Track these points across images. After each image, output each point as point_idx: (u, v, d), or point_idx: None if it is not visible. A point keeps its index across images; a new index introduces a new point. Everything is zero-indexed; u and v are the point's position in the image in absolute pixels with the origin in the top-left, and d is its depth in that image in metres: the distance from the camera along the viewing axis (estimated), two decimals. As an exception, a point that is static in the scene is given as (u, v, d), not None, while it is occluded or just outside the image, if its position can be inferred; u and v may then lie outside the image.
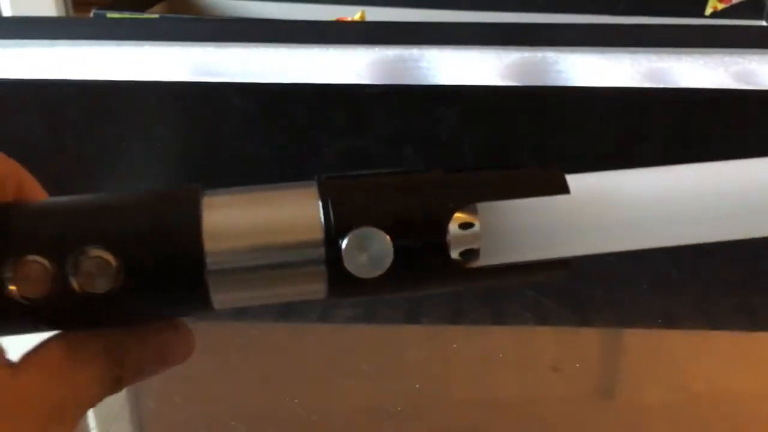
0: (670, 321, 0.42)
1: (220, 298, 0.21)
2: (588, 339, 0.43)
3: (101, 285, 0.20)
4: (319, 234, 0.20)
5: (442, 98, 0.46)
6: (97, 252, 0.19)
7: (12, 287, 0.19)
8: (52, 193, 0.54)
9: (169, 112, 0.46)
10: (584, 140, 0.47)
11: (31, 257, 0.19)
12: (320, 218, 0.20)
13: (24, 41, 0.49)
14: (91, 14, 0.57)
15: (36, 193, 0.22)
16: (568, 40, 0.50)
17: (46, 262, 0.19)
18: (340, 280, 0.20)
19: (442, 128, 0.46)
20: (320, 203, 0.21)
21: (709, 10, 0.70)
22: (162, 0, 0.71)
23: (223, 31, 0.51)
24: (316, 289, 0.21)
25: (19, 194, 0.21)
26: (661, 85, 0.47)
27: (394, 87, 0.45)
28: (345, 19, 0.68)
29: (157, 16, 0.62)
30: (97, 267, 0.19)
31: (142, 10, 0.66)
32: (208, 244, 0.20)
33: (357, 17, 0.68)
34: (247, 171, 0.48)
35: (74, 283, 0.19)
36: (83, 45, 0.49)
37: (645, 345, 0.43)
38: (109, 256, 0.19)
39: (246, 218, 0.21)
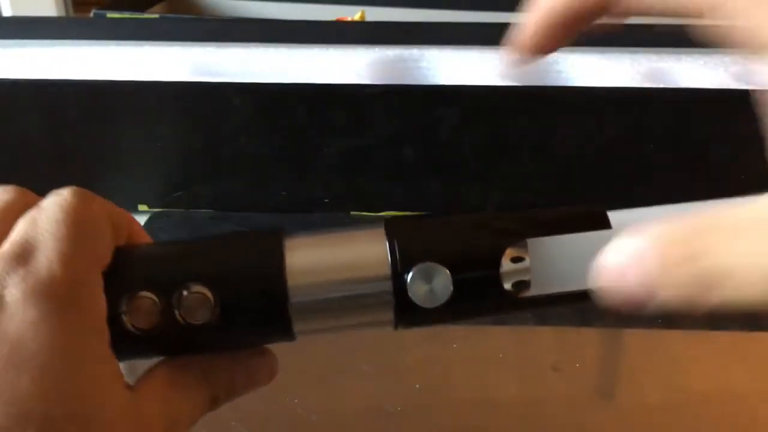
0: (670, 321, 0.42)
1: (300, 328, 0.24)
2: (588, 339, 0.43)
3: (201, 317, 0.23)
4: (387, 269, 0.23)
5: (442, 98, 0.46)
6: (197, 288, 0.23)
7: (126, 319, 0.23)
8: (49, 191, 0.54)
9: (169, 112, 0.46)
10: (584, 140, 0.47)
11: (143, 293, 0.23)
12: (387, 255, 0.23)
13: (24, 41, 0.49)
14: (91, 14, 0.57)
15: (141, 237, 0.26)
16: (568, 40, 0.50)
17: (155, 297, 0.23)
18: (406, 310, 0.23)
19: (442, 128, 0.46)
20: (387, 242, 0.23)
21: (709, 10, 0.70)
22: (162, 0, 0.71)
23: (223, 31, 0.51)
24: (384, 318, 0.24)
25: (129, 239, 0.25)
26: (661, 85, 0.47)
27: (394, 87, 0.45)
28: (345, 19, 0.68)
29: (157, 16, 0.62)
30: (198, 301, 0.23)
31: (142, 10, 0.66)
32: (291, 281, 0.23)
33: (357, 17, 0.68)
34: (247, 171, 0.48)
35: (178, 316, 0.23)
36: (83, 45, 0.49)
37: (645, 345, 0.43)
38: (207, 292, 0.23)
39: (323, 257, 0.24)
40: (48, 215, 0.22)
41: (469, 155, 0.47)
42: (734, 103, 0.46)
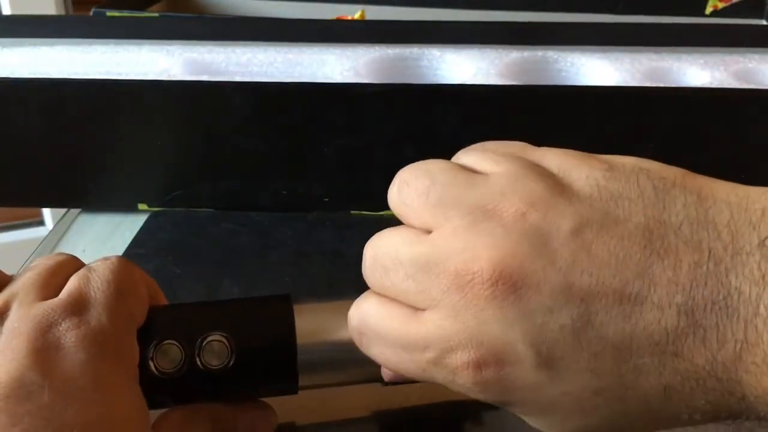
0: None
1: (304, 383, 0.28)
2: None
3: (218, 362, 0.26)
4: None
5: (443, 97, 0.46)
6: (216, 337, 0.27)
7: (153, 363, 0.26)
8: (50, 190, 0.54)
9: (168, 110, 0.46)
10: (584, 139, 0.47)
11: (169, 341, 0.26)
12: None
13: (23, 40, 0.49)
14: (91, 13, 0.57)
15: (161, 298, 0.30)
16: (568, 39, 0.50)
17: (179, 344, 0.26)
18: None
19: (443, 127, 0.46)
20: None
21: (709, 9, 0.70)
22: (161, -2, 0.71)
23: (223, 30, 0.51)
24: (378, 372, 0.28)
25: (152, 301, 0.28)
26: (662, 85, 0.47)
27: (394, 86, 0.45)
28: (345, 18, 0.67)
29: (156, 14, 0.62)
30: (216, 347, 0.26)
31: (142, 8, 0.66)
32: (300, 340, 0.27)
33: (357, 16, 0.68)
34: (247, 170, 0.48)
35: (198, 361, 0.26)
36: (83, 44, 0.49)
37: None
38: (224, 340, 0.27)
39: (325, 321, 0.28)
40: (99, 275, 0.26)
41: (469, 154, 0.47)
42: (735, 102, 0.46)
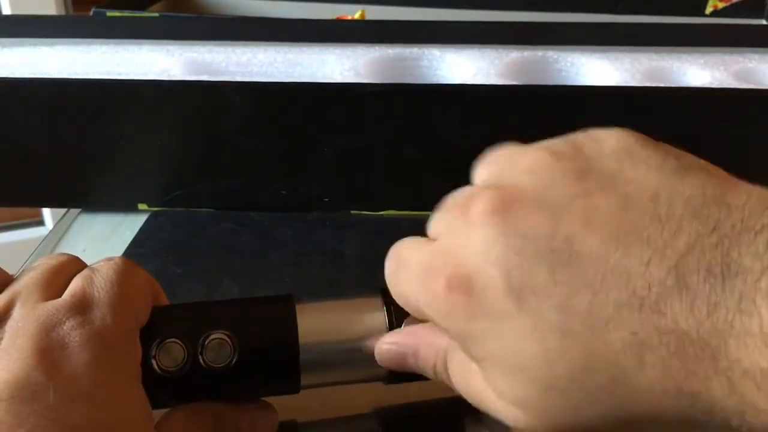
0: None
1: (306, 382, 0.28)
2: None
3: (221, 360, 0.27)
4: (384, 329, 0.28)
5: (443, 97, 0.46)
6: (219, 335, 0.27)
7: (156, 362, 0.26)
8: (50, 190, 0.54)
9: (168, 110, 0.46)
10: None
11: (172, 339, 0.26)
12: (385, 317, 0.28)
13: (23, 40, 0.49)
14: (91, 13, 0.57)
15: (163, 299, 0.30)
16: (568, 39, 0.50)
17: (182, 343, 0.27)
18: None
19: (443, 127, 0.46)
20: (384, 308, 0.28)
21: (709, 9, 0.70)
22: (161, -2, 0.70)
23: (223, 30, 0.51)
24: (380, 372, 0.28)
25: (155, 301, 0.29)
26: (662, 85, 0.47)
27: (394, 86, 0.45)
28: (345, 18, 0.67)
29: (156, 14, 0.62)
30: (219, 346, 0.27)
31: (142, 8, 0.66)
32: (302, 339, 0.27)
33: (357, 16, 0.68)
34: (247, 170, 0.48)
35: (201, 360, 0.27)
36: (83, 44, 0.49)
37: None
38: (227, 339, 0.27)
39: (327, 320, 0.28)
40: (103, 275, 0.26)
41: (470, 154, 0.47)
42: (735, 102, 0.46)
